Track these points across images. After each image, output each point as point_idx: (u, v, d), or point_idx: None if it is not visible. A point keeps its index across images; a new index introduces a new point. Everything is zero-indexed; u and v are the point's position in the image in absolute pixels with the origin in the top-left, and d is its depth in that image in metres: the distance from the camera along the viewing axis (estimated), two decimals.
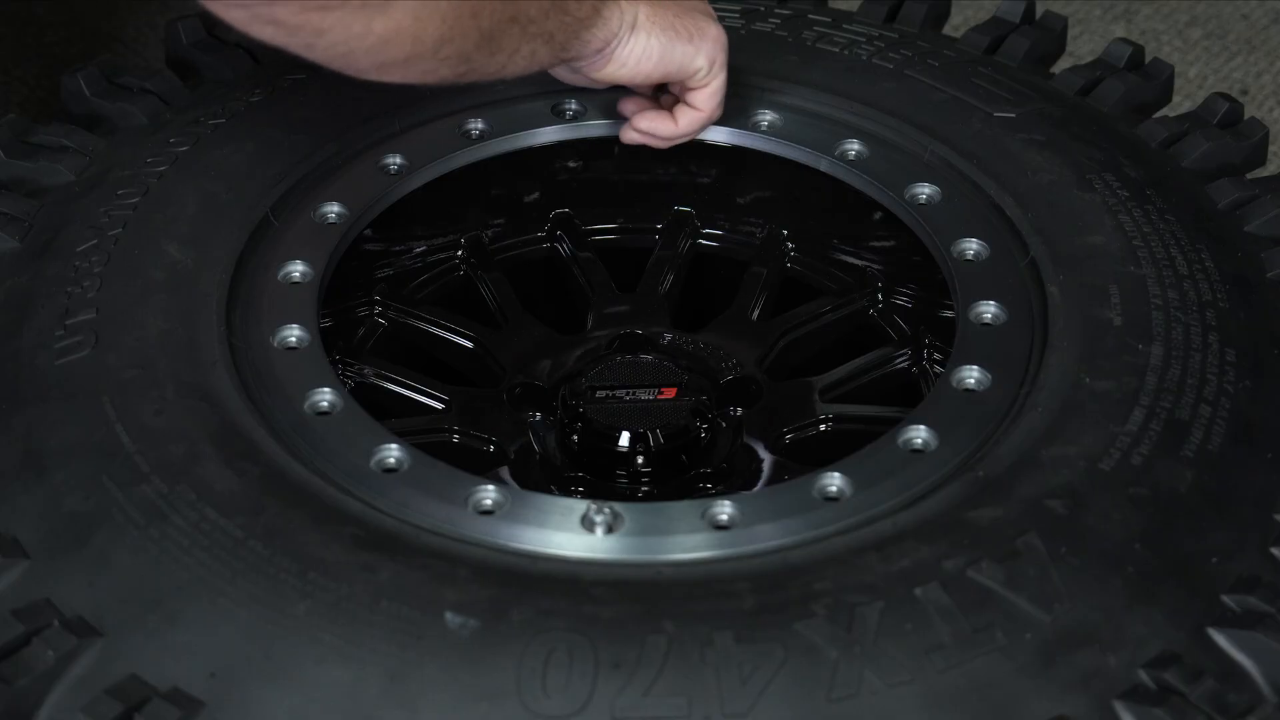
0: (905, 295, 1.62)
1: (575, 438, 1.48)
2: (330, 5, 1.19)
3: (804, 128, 1.57)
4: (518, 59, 1.33)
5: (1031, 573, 1.19)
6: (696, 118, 1.48)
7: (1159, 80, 1.64)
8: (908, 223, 1.50)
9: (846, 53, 1.62)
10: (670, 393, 1.49)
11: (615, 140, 1.60)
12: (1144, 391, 1.30)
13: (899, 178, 1.52)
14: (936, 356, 1.58)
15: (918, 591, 1.17)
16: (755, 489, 1.46)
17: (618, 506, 1.23)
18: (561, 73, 1.45)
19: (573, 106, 1.58)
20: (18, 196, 1.48)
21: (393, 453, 1.28)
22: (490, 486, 1.25)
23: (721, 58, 1.45)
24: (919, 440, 1.29)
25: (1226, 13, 2.28)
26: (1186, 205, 1.48)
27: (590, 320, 1.62)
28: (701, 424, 1.49)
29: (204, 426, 1.27)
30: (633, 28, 1.40)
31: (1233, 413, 1.30)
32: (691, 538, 1.22)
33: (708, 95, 1.47)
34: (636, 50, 1.41)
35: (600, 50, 1.40)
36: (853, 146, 1.54)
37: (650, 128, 1.49)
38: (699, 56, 1.43)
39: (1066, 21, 1.72)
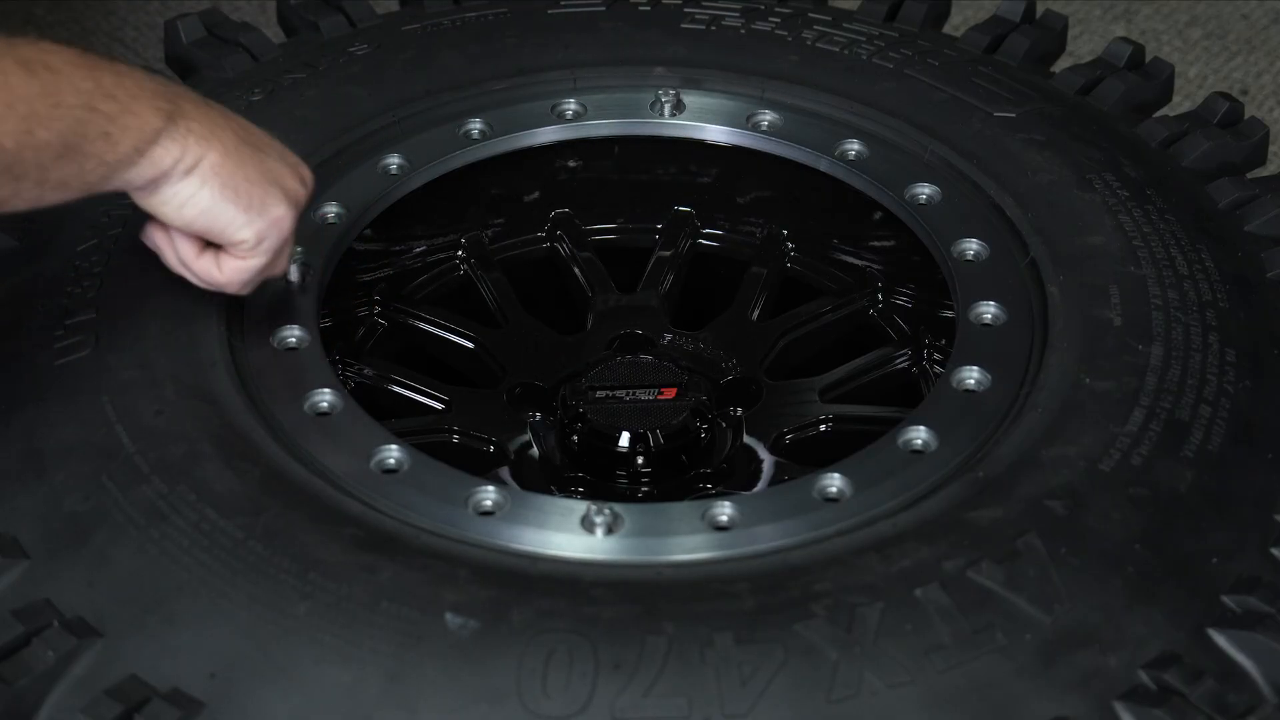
0: (905, 295, 1.62)
1: (575, 438, 1.48)
2: None
3: (804, 128, 1.56)
4: (19, 203, 1.20)
5: (1031, 573, 1.19)
6: (211, 275, 1.32)
7: (1159, 80, 1.64)
8: (908, 223, 1.50)
9: (846, 52, 1.62)
10: (670, 393, 1.49)
11: (615, 140, 1.60)
12: (1144, 392, 1.30)
13: (899, 178, 1.52)
14: (936, 356, 1.58)
15: (918, 592, 1.17)
16: (755, 489, 1.46)
17: (618, 507, 1.23)
18: None
19: (573, 106, 1.58)
20: None
21: (393, 453, 1.28)
22: (490, 487, 1.25)
23: (273, 242, 1.29)
24: (919, 440, 1.29)
25: (1226, 13, 2.28)
26: (1186, 205, 1.48)
27: (590, 320, 1.62)
28: (701, 424, 1.48)
29: (204, 426, 1.27)
30: (188, 172, 1.25)
31: (1233, 413, 1.30)
32: (691, 538, 1.22)
33: (235, 268, 1.31)
34: (183, 194, 1.25)
35: (146, 185, 1.25)
36: (853, 146, 1.54)
37: (157, 245, 1.33)
38: (246, 229, 1.27)
39: (1066, 21, 1.72)
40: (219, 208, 1.26)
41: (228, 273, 1.31)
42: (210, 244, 1.31)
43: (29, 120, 1.17)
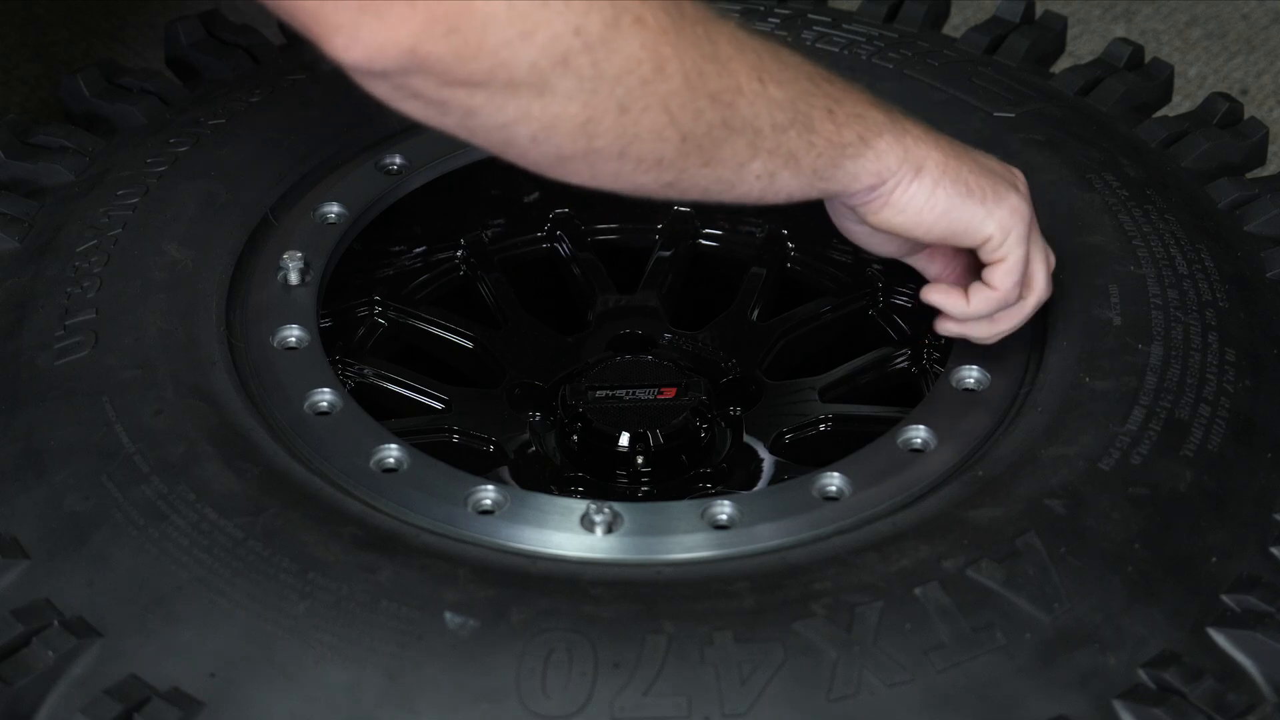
0: (905, 295, 1.62)
1: (575, 438, 1.48)
2: (474, 81, 1.07)
3: None
4: (748, 177, 1.17)
5: (1031, 572, 1.19)
6: (990, 297, 1.29)
7: (1159, 80, 1.64)
8: None
9: (846, 53, 1.62)
10: (670, 393, 1.49)
11: None
12: (1144, 391, 1.30)
13: None
14: (936, 356, 1.58)
15: (917, 591, 1.17)
16: (755, 489, 1.46)
17: (617, 506, 1.23)
18: (838, 217, 1.29)
19: None
20: (18, 196, 1.48)
21: (392, 453, 1.28)
22: (490, 486, 1.25)
23: (1020, 230, 1.26)
24: (919, 440, 1.29)
25: (1226, 13, 2.27)
26: (1186, 205, 1.48)
27: (590, 320, 1.62)
28: (701, 424, 1.49)
29: (204, 426, 1.27)
30: (917, 171, 1.22)
31: (1232, 413, 1.30)
32: (691, 537, 1.22)
33: (1003, 272, 1.27)
34: (919, 198, 1.23)
35: (873, 188, 1.23)
36: None
37: (940, 302, 1.31)
38: (989, 222, 1.25)
39: (1066, 21, 1.72)
40: (958, 205, 1.24)
41: (1001, 283, 1.28)
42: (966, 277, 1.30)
43: (759, 70, 1.15)
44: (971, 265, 1.31)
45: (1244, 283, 1.41)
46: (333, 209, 1.47)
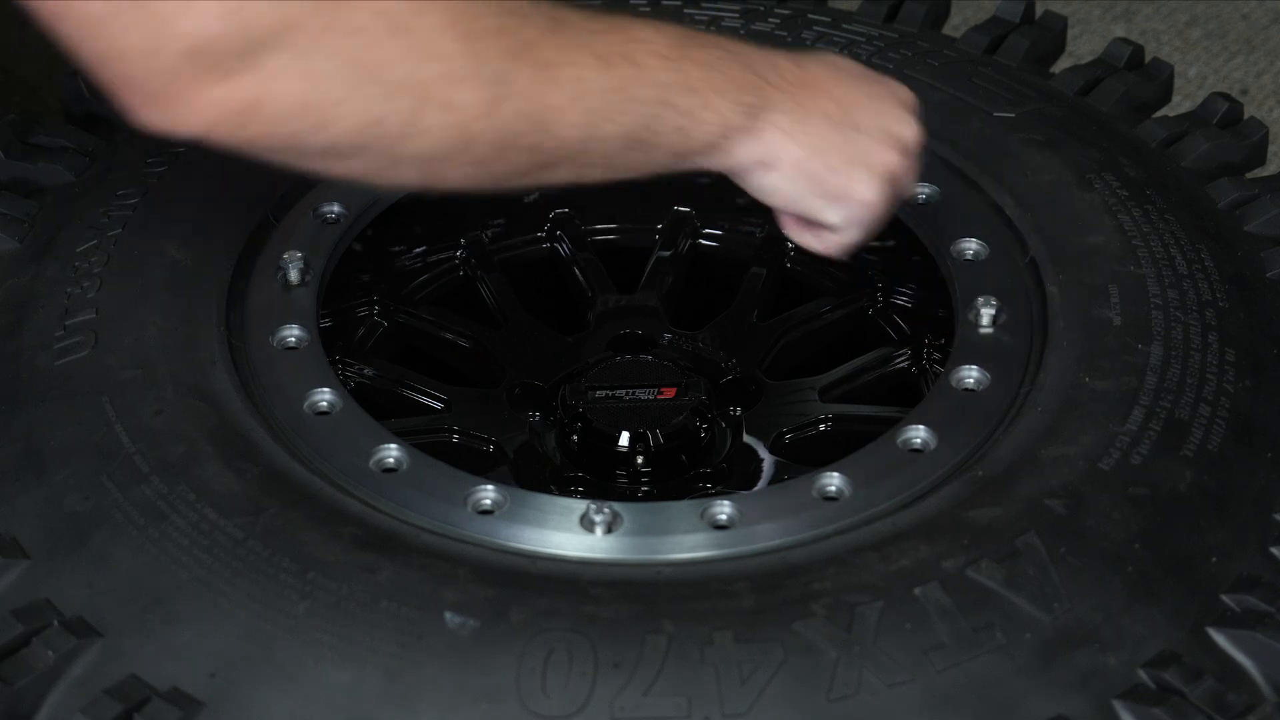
0: (905, 295, 1.62)
1: (575, 437, 1.48)
2: (274, 153, 1.08)
3: None
4: (584, 179, 1.21)
5: (1031, 572, 1.19)
6: (812, 245, 1.33)
7: (1159, 80, 1.64)
8: (907, 223, 1.50)
9: (846, 53, 1.62)
10: (670, 393, 1.49)
11: None
12: (1143, 391, 1.30)
13: None
14: (936, 356, 1.58)
15: (917, 591, 1.17)
16: (755, 489, 1.46)
17: (617, 506, 1.23)
18: None
19: None
20: (18, 196, 1.48)
21: (392, 453, 1.28)
22: (489, 486, 1.25)
23: (865, 219, 1.29)
24: (918, 440, 1.29)
25: (1226, 13, 2.28)
26: (1186, 205, 1.48)
27: (590, 320, 1.62)
28: (701, 424, 1.49)
29: (204, 426, 1.27)
30: (768, 167, 1.25)
31: (1232, 413, 1.30)
32: (691, 537, 1.22)
33: (833, 243, 1.32)
34: (766, 186, 1.26)
35: (728, 170, 1.26)
36: None
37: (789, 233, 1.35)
38: (830, 213, 1.28)
39: (1066, 21, 1.72)
40: (802, 199, 1.27)
41: (828, 246, 1.32)
42: None
43: (596, 114, 1.16)
44: None
45: (1244, 283, 1.41)
46: (333, 209, 1.47)
